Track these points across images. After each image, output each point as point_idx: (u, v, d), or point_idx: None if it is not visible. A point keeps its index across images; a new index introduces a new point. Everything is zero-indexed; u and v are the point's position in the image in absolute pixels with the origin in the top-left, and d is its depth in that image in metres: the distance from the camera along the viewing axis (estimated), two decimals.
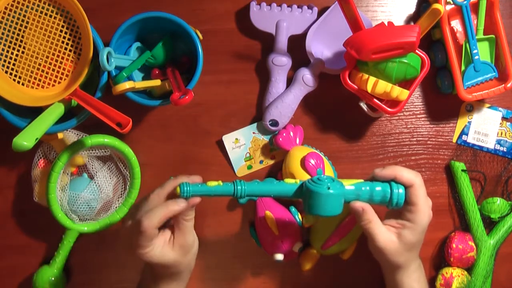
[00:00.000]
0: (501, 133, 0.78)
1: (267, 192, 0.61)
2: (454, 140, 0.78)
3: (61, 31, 0.66)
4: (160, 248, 0.61)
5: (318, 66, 0.74)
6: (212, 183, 0.59)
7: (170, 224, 0.64)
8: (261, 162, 0.78)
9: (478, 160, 0.78)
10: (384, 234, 0.62)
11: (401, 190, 0.61)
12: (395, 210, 0.64)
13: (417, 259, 0.67)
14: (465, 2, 0.70)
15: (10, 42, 0.66)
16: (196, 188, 0.59)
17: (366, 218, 0.61)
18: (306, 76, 0.74)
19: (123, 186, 0.77)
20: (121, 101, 0.68)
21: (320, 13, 0.75)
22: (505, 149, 0.78)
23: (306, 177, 0.69)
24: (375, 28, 0.69)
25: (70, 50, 0.66)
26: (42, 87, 0.67)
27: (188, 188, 0.59)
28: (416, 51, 0.69)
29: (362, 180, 0.62)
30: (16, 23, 0.66)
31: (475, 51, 0.72)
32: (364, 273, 0.78)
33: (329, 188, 0.58)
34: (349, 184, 0.61)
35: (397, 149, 0.78)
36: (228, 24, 0.77)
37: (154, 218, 0.58)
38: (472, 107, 0.78)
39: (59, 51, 0.66)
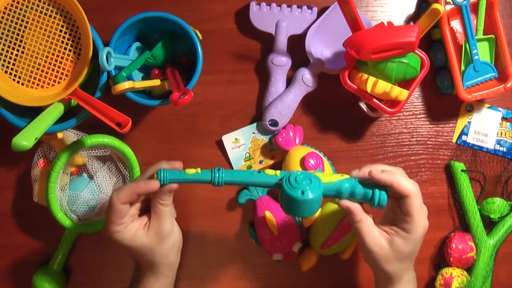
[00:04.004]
0: (501, 133, 0.78)
1: (245, 182, 0.60)
2: (454, 140, 0.78)
3: (60, 31, 0.66)
4: (134, 230, 0.61)
5: (317, 66, 0.74)
6: (190, 171, 0.59)
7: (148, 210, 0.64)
8: (260, 162, 0.78)
9: (478, 160, 0.78)
10: (374, 235, 0.60)
11: (384, 196, 0.59)
12: (390, 217, 0.62)
13: (410, 271, 0.64)
14: (464, 2, 0.70)
15: (10, 42, 0.66)
16: (173, 175, 0.59)
17: (353, 217, 0.60)
18: (305, 76, 0.74)
19: None
20: (120, 101, 0.68)
21: (320, 13, 0.75)
22: (505, 149, 0.78)
23: None
24: (374, 28, 0.69)
25: (70, 50, 0.67)
26: (42, 87, 0.67)
27: (165, 175, 0.59)
28: (416, 51, 0.69)
29: (347, 176, 0.60)
30: (16, 23, 0.66)
31: (474, 51, 0.72)
32: (364, 273, 0.78)
33: (303, 193, 0.56)
34: (329, 182, 0.59)
35: (397, 149, 0.78)
36: (228, 24, 0.77)
37: (122, 193, 0.59)
38: (472, 107, 0.78)
39: (59, 51, 0.66)
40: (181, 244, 0.67)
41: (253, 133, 0.78)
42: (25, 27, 0.66)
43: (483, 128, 0.78)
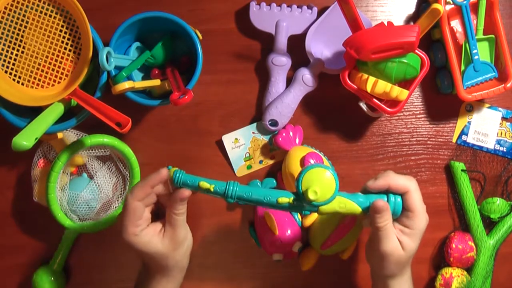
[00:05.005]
0: (501, 133, 0.78)
1: (257, 205, 0.60)
2: (454, 140, 0.78)
3: (60, 31, 0.66)
4: (149, 237, 0.61)
5: (317, 66, 0.74)
6: (204, 185, 0.59)
7: (162, 217, 0.64)
8: (260, 162, 0.78)
9: (478, 160, 0.78)
10: (394, 240, 0.60)
11: (399, 199, 0.60)
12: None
13: (409, 268, 0.65)
14: (464, 2, 0.70)
15: (10, 42, 0.66)
16: (187, 179, 0.59)
17: (387, 218, 0.59)
18: (305, 76, 0.74)
19: (122, 186, 0.77)
20: (120, 101, 0.68)
21: (320, 13, 0.75)
22: (504, 149, 0.78)
23: None
24: (374, 28, 0.69)
25: (69, 50, 0.67)
26: (42, 87, 0.67)
27: (180, 176, 0.59)
28: (416, 51, 0.69)
29: (358, 194, 0.60)
30: (16, 23, 0.66)
31: (474, 51, 0.72)
32: (364, 273, 0.78)
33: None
34: (344, 197, 0.59)
35: (397, 149, 0.78)
36: (228, 24, 0.77)
37: (136, 190, 0.59)
38: (472, 107, 0.78)
39: (59, 51, 0.66)
40: (192, 246, 0.66)
41: (253, 133, 0.78)
42: (25, 27, 0.66)
43: (483, 128, 0.78)
